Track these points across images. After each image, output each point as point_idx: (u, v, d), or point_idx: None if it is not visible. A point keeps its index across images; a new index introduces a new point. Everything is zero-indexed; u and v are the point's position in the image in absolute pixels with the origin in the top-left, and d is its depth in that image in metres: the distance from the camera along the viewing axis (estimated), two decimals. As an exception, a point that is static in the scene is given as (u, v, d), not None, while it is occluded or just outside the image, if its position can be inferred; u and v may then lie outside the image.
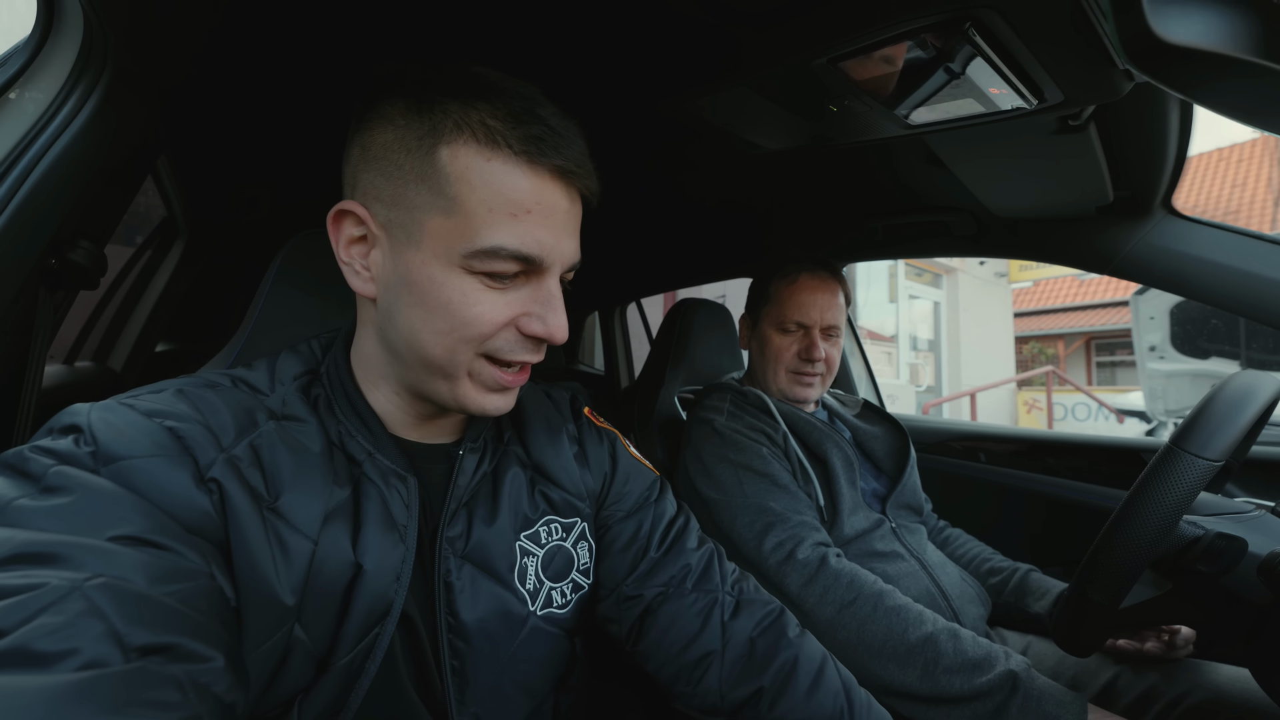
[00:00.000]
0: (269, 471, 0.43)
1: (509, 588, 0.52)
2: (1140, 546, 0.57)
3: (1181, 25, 0.36)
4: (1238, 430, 0.56)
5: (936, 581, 0.90)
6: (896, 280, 7.82)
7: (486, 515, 0.52)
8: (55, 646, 0.27)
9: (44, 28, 0.59)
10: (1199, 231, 0.89)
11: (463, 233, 0.42)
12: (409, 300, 0.44)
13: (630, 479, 0.63)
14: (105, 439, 0.37)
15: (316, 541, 0.42)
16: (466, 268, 0.43)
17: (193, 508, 0.37)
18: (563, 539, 0.56)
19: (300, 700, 0.43)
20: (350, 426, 0.48)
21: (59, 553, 0.30)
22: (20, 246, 0.57)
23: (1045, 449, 1.33)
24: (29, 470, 0.34)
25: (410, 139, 0.42)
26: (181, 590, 0.33)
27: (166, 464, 0.38)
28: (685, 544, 0.62)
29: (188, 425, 0.40)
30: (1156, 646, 0.79)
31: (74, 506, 0.33)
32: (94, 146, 0.61)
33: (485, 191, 0.41)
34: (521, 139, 0.42)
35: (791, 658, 0.56)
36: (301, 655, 0.42)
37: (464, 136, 0.41)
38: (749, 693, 0.55)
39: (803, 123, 0.82)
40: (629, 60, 0.74)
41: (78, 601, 0.28)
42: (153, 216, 1.46)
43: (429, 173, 0.42)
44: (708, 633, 0.57)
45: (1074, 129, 0.74)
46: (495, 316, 0.44)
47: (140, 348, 1.43)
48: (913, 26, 0.58)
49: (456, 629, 0.49)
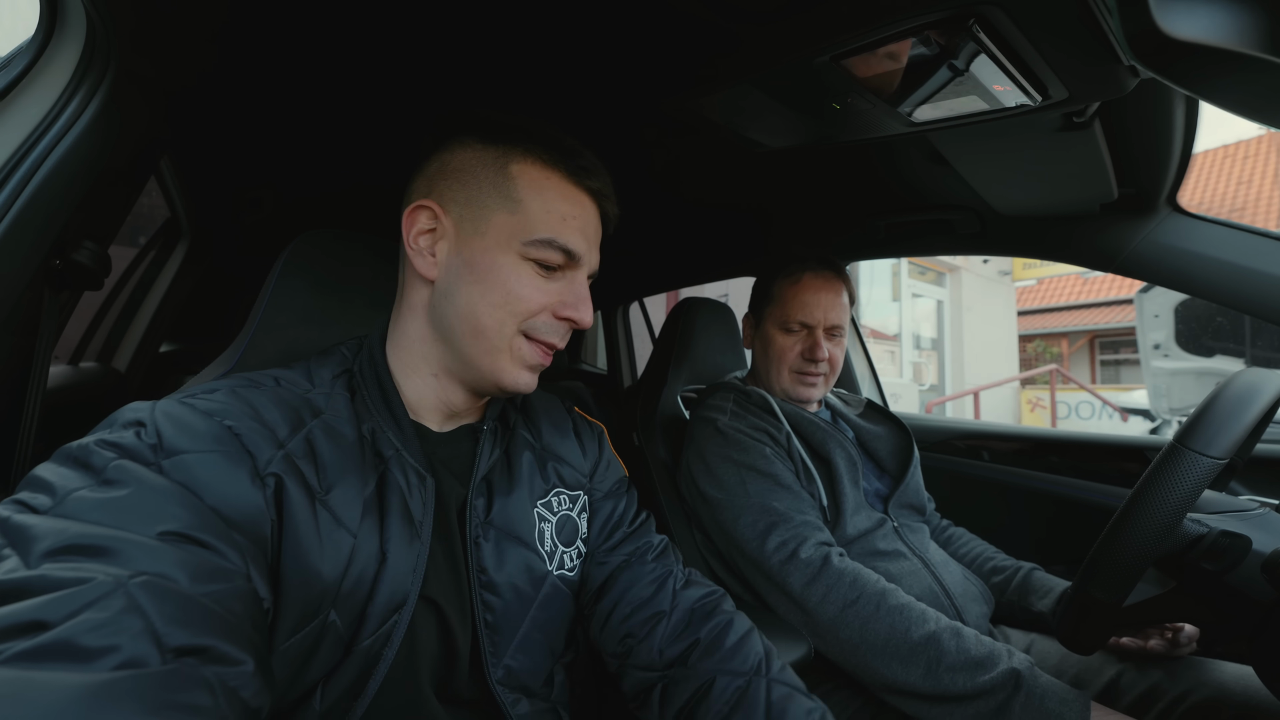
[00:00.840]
0: (321, 465, 0.47)
1: (531, 548, 0.58)
2: (1144, 544, 0.56)
3: (1187, 21, 0.36)
4: (1242, 428, 0.56)
5: (939, 580, 0.90)
6: (900, 278, 7.80)
7: (504, 487, 0.60)
8: (97, 643, 0.28)
9: (47, 28, 0.59)
10: (1204, 229, 0.89)
11: (524, 226, 0.53)
12: (470, 279, 0.53)
13: (610, 467, 0.72)
14: (168, 433, 0.40)
15: (356, 535, 0.47)
16: (523, 254, 0.53)
17: (243, 504, 0.40)
18: (569, 509, 0.64)
19: (323, 683, 0.45)
20: (381, 421, 0.54)
21: (108, 546, 0.32)
22: (25, 247, 0.57)
23: (1049, 447, 1.33)
24: (92, 463, 0.37)
25: (487, 158, 0.55)
26: (219, 591, 0.34)
27: (224, 459, 0.40)
28: (648, 528, 0.71)
29: (245, 423, 0.43)
30: (1160, 644, 0.79)
31: (128, 501, 0.35)
32: (98, 147, 0.61)
33: (543, 199, 0.54)
34: (570, 168, 0.55)
35: (726, 621, 0.63)
36: (334, 638, 0.45)
37: (531, 158, 0.55)
38: (684, 646, 0.61)
39: (805, 121, 0.82)
40: (631, 59, 0.74)
41: (120, 598, 0.29)
42: (156, 217, 1.46)
43: (501, 181, 0.54)
44: (660, 596, 0.64)
45: (1078, 126, 0.74)
46: (539, 298, 0.54)
47: (144, 348, 1.43)
48: (916, 24, 0.57)
49: (487, 584, 0.55)
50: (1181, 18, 0.36)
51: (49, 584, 0.29)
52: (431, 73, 0.80)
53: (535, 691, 0.57)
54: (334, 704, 0.46)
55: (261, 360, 0.61)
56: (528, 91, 0.83)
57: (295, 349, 0.63)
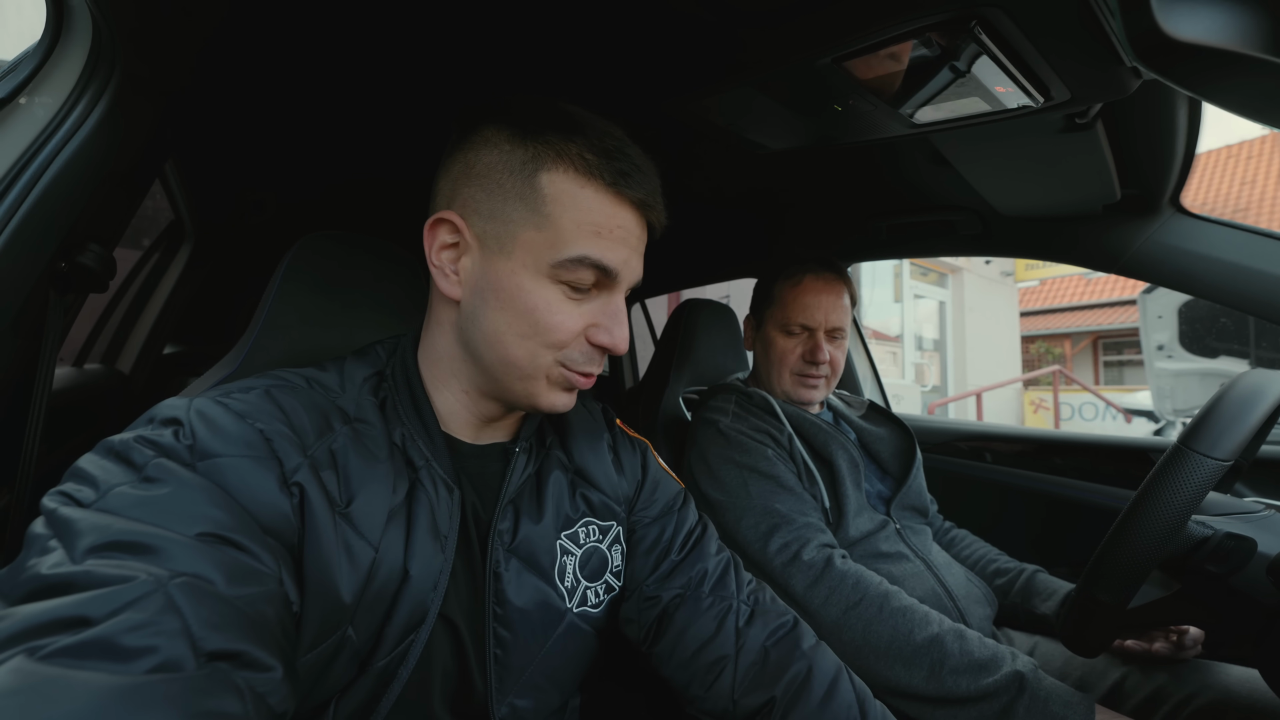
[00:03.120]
0: (343, 475, 0.45)
1: (550, 583, 0.55)
2: (1148, 546, 0.56)
3: (1190, 22, 0.36)
4: (1247, 429, 0.56)
5: (942, 582, 0.90)
6: (902, 280, 7.78)
7: (532, 513, 0.56)
8: (136, 643, 0.28)
9: (53, 33, 0.60)
10: (1208, 229, 0.89)
11: (552, 244, 0.48)
12: (495, 304, 0.49)
13: (659, 487, 0.67)
14: (202, 434, 0.39)
15: (377, 548, 0.45)
16: (553, 276, 0.48)
17: (274, 509, 0.39)
18: (599, 540, 0.59)
19: (337, 700, 0.45)
20: (412, 430, 0.51)
21: (150, 543, 0.32)
22: (30, 250, 0.58)
23: (1052, 449, 1.33)
24: (133, 459, 0.37)
25: (514, 163, 0.48)
26: (253, 594, 0.34)
27: (255, 465, 0.40)
28: (704, 549, 0.64)
29: (276, 428, 0.43)
30: (1165, 647, 0.79)
31: (168, 499, 0.35)
32: (103, 151, 0.61)
33: (576, 212, 0.48)
34: (612, 173, 0.48)
35: (805, 669, 0.57)
36: (349, 655, 0.44)
37: (563, 165, 0.48)
38: (760, 701, 0.55)
39: (807, 122, 0.82)
40: (633, 61, 0.74)
41: (160, 599, 0.30)
42: (160, 219, 1.47)
43: (528, 193, 0.48)
44: (722, 636, 0.58)
45: (1081, 127, 0.74)
46: (572, 325, 0.50)
47: (148, 350, 1.44)
48: (918, 25, 0.57)
49: (503, 618, 0.52)
50: (1184, 19, 0.36)
51: (93, 580, 0.29)
52: (433, 72, 0.80)
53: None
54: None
55: (266, 362, 0.62)
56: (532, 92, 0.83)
57: (299, 351, 0.63)
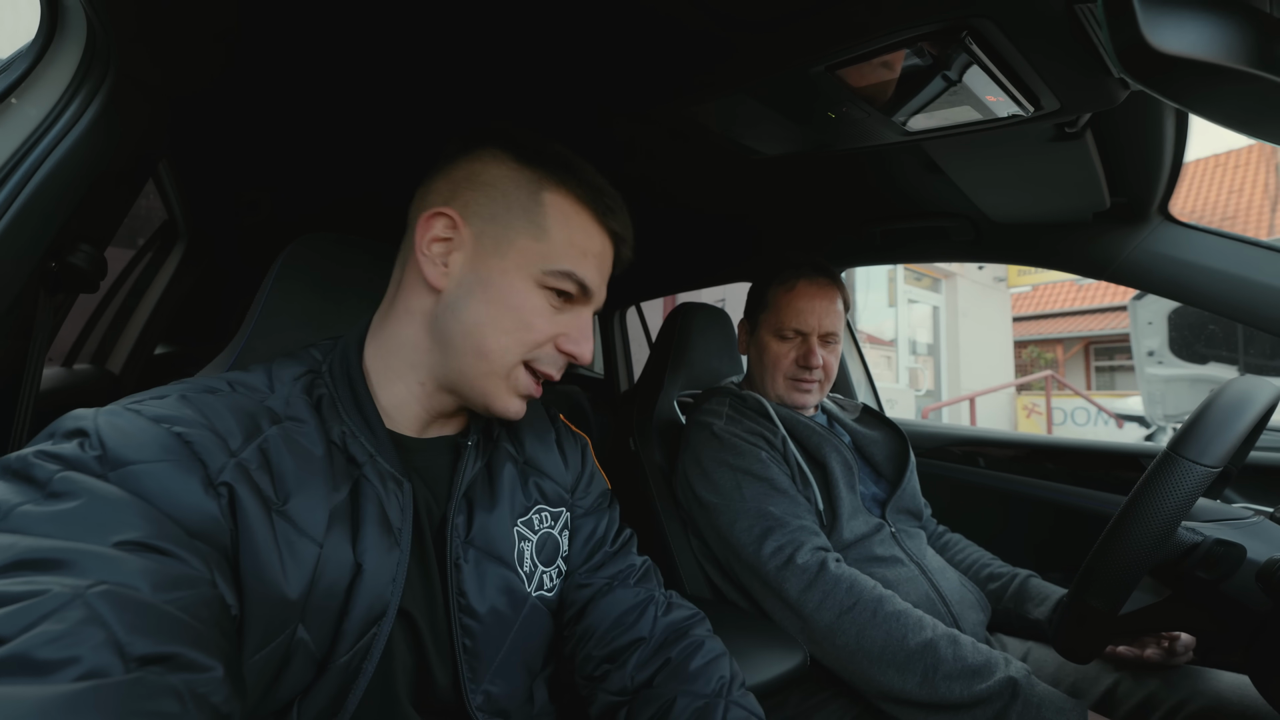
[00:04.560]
0: (277, 474, 0.44)
1: (511, 569, 0.57)
2: (1139, 553, 0.57)
3: (1175, 35, 0.37)
4: (1235, 436, 0.56)
5: (936, 587, 0.90)
6: (895, 284, 7.83)
7: (486, 503, 0.58)
8: (55, 655, 0.27)
9: (47, 33, 0.60)
10: (1196, 237, 0.90)
11: (546, 255, 0.53)
12: (482, 298, 0.52)
13: (593, 481, 0.71)
14: (113, 444, 0.37)
15: (322, 545, 0.44)
16: (540, 282, 0.53)
17: (200, 513, 0.38)
18: (551, 526, 0.62)
19: (299, 701, 0.44)
20: (353, 426, 0.51)
21: (63, 559, 0.30)
22: (21, 250, 0.57)
23: (1044, 454, 1.33)
24: (34, 475, 0.34)
25: (521, 179, 0.54)
26: (184, 598, 0.33)
27: (175, 469, 0.38)
28: (631, 549, 0.70)
29: (195, 431, 0.41)
30: (1156, 653, 0.79)
31: (79, 512, 0.33)
32: (96, 150, 0.61)
33: (569, 231, 0.54)
34: (599, 207, 0.56)
35: (696, 644, 0.62)
36: (304, 656, 0.43)
37: (564, 190, 0.54)
38: (653, 670, 0.61)
39: (800, 129, 0.83)
40: (625, 66, 0.74)
41: (79, 609, 0.28)
42: (153, 219, 1.46)
43: (532, 207, 0.53)
44: (643, 621, 0.63)
45: (1070, 136, 0.75)
46: (547, 329, 0.54)
47: (139, 350, 1.43)
48: (910, 35, 0.58)
49: (467, 608, 0.53)
50: (1170, 32, 0.36)
51: (1, 600, 0.27)
52: (427, 77, 0.80)
53: (515, 712, 0.56)
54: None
55: (258, 363, 0.61)
56: (524, 97, 0.83)
57: (291, 353, 0.62)
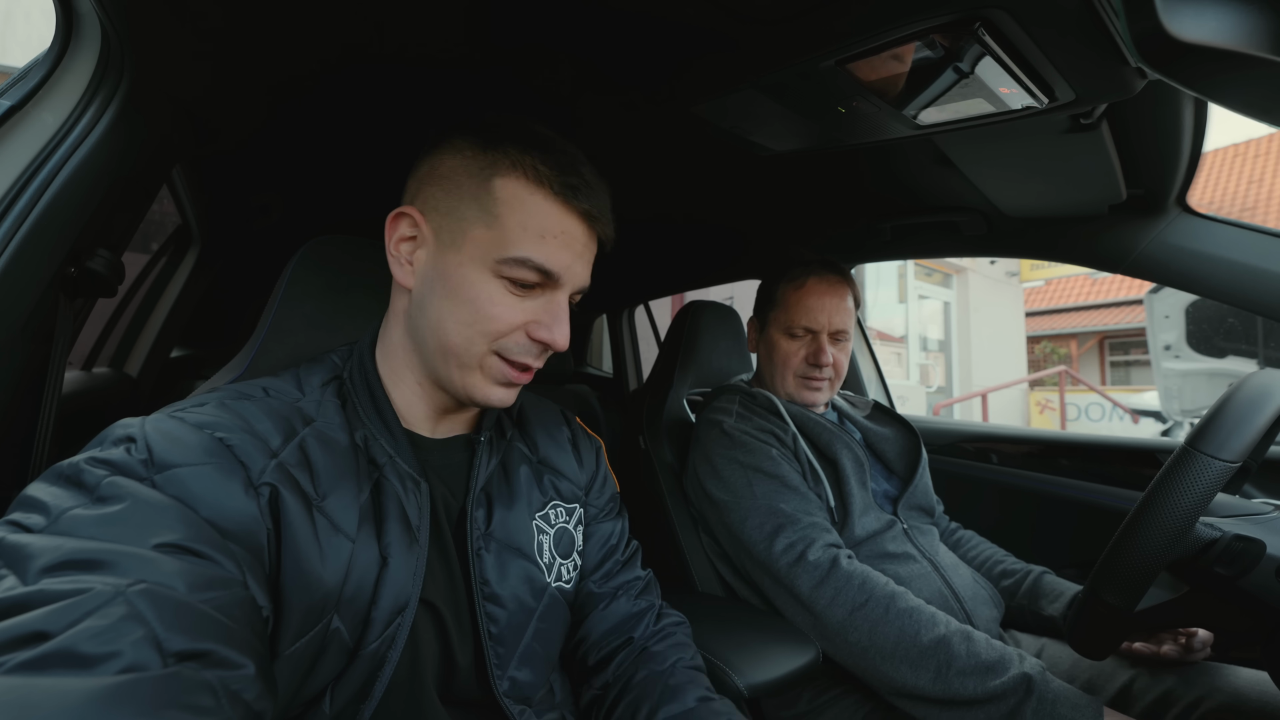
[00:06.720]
0: (315, 472, 0.47)
1: (531, 560, 0.59)
2: (1156, 549, 0.56)
3: (1194, 23, 0.36)
4: (1255, 431, 0.56)
5: (949, 583, 0.90)
6: (906, 280, 7.76)
7: (505, 499, 0.60)
8: (99, 649, 0.28)
9: (63, 40, 0.61)
10: (1214, 229, 0.88)
11: (498, 243, 0.51)
12: (441, 293, 0.52)
13: (605, 484, 0.73)
14: (159, 448, 0.39)
15: (354, 540, 0.47)
16: (495, 272, 0.52)
17: (239, 514, 0.40)
18: (566, 522, 0.64)
19: (332, 688, 0.46)
20: (374, 429, 0.53)
21: (105, 559, 0.32)
22: (41, 255, 0.58)
23: (1058, 450, 1.32)
24: (84, 481, 0.37)
25: (474, 167, 0.52)
26: (218, 598, 0.35)
27: (217, 471, 0.40)
28: (637, 561, 0.73)
29: (236, 435, 0.43)
30: (1173, 649, 0.78)
31: (123, 515, 0.35)
32: (112, 157, 0.62)
33: (523, 216, 0.51)
34: (561, 184, 0.52)
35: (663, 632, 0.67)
36: (338, 645, 0.45)
37: (516, 173, 0.52)
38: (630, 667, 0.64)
39: (810, 125, 0.82)
40: (634, 63, 0.74)
41: (120, 606, 0.30)
42: (167, 224, 1.48)
43: (482, 195, 0.52)
44: (641, 626, 0.67)
45: (1086, 127, 0.73)
46: (511, 318, 0.53)
47: (156, 353, 1.45)
48: (921, 27, 0.57)
49: (491, 595, 0.55)
50: (1189, 20, 0.36)
51: (48, 597, 0.29)
52: (439, 75, 0.81)
53: (537, 701, 0.58)
54: (344, 708, 0.46)
55: (272, 365, 0.62)
56: (526, 95, 0.83)
57: (305, 354, 0.63)
